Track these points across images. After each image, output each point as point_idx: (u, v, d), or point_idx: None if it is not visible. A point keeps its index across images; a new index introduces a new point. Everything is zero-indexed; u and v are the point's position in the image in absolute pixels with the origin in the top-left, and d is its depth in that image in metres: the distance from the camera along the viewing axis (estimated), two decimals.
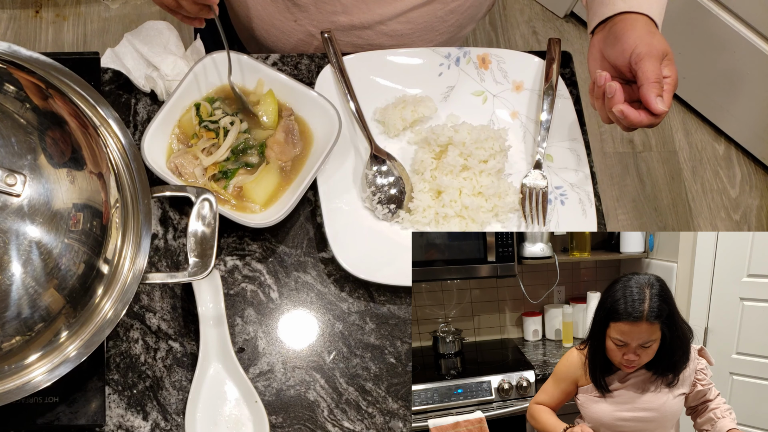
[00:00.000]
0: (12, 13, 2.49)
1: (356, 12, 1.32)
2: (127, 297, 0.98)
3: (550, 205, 1.25)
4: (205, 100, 1.22)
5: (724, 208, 2.46)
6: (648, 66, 1.12)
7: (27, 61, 1.03)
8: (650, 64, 1.12)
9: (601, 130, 2.49)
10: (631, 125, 1.13)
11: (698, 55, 2.39)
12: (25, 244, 0.91)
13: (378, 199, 1.22)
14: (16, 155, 0.92)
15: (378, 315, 1.19)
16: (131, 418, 1.11)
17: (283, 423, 1.13)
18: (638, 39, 1.14)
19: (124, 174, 1.03)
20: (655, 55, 1.13)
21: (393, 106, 1.28)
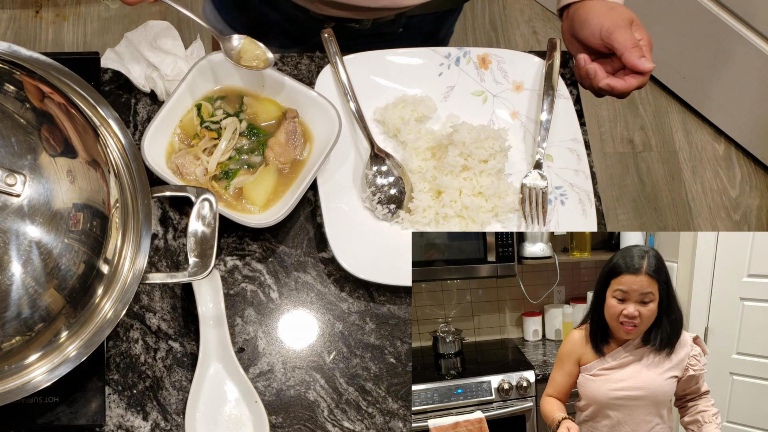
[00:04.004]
0: (12, 13, 2.49)
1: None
2: (127, 297, 0.98)
3: (550, 205, 1.25)
4: (206, 101, 1.22)
5: (724, 208, 2.46)
6: (620, 36, 1.22)
7: (27, 61, 1.03)
8: (621, 34, 1.22)
9: (601, 130, 2.49)
10: (623, 93, 1.24)
11: (698, 55, 2.39)
12: (25, 244, 0.91)
13: (378, 199, 1.22)
14: (16, 155, 0.92)
15: (378, 315, 1.19)
16: (131, 418, 1.11)
17: (283, 423, 1.13)
18: (601, 17, 1.24)
19: (124, 174, 1.03)
20: (623, 25, 1.22)
21: (393, 106, 1.28)
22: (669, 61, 2.45)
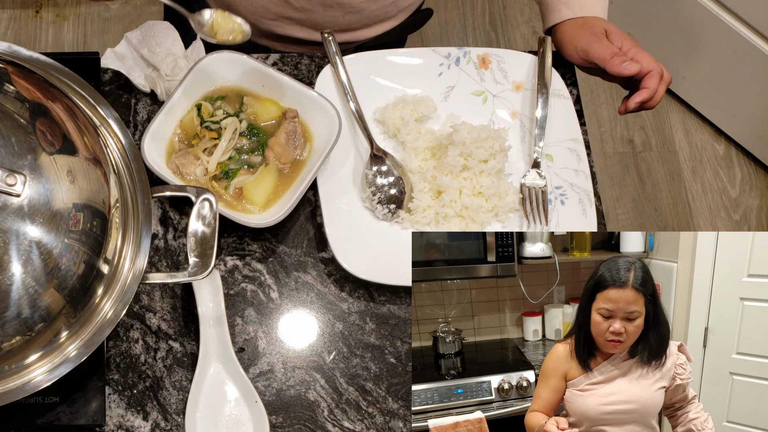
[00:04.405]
0: (12, 13, 2.49)
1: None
2: (127, 297, 0.98)
3: (550, 205, 1.25)
4: (206, 101, 1.22)
5: (724, 208, 2.46)
6: (596, 51, 1.24)
7: (27, 61, 1.03)
8: (596, 49, 1.24)
9: (601, 130, 2.49)
10: (651, 104, 1.24)
11: (698, 55, 2.39)
12: (25, 244, 0.91)
13: (378, 199, 1.22)
14: (16, 155, 0.92)
15: (378, 315, 1.19)
16: (131, 418, 1.11)
17: (283, 423, 1.13)
18: (573, 39, 1.27)
19: (124, 174, 1.03)
20: (595, 40, 1.25)
21: (393, 106, 1.28)
22: (669, 61, 2.45)
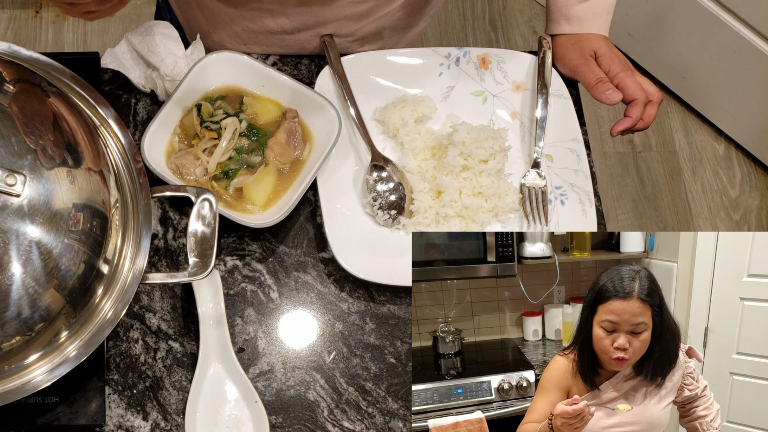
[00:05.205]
0: (12, 13, 2.49)
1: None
2: (127, 297, 0.98)
3: (550, 205, 1.25)
4: (206, 100, 1.22)
5: (724, 208, 2.46)
6: (582, 75, 1.27)
7: (27, 61, 1.03)
8: (583, 72, 1.27)
9: (601, 130, 2.49)
10: (639, 127, 1.25)
11: (698, 55, 2.39)
12: (25, 244, 0.91)
13: (379, 205, 1.22)
14: (16, 155, 0.92)
15: (378, 315, 1.19)
16: (131, 418, 1.11)
17: (283, 423, 1.13)
18: (564, 56, 1.30)
19: (124, 174, 1.03)
20: (583, 62, 1.27)
21: (393, 106, 1.28)
22: (669, 61, 2.45)
